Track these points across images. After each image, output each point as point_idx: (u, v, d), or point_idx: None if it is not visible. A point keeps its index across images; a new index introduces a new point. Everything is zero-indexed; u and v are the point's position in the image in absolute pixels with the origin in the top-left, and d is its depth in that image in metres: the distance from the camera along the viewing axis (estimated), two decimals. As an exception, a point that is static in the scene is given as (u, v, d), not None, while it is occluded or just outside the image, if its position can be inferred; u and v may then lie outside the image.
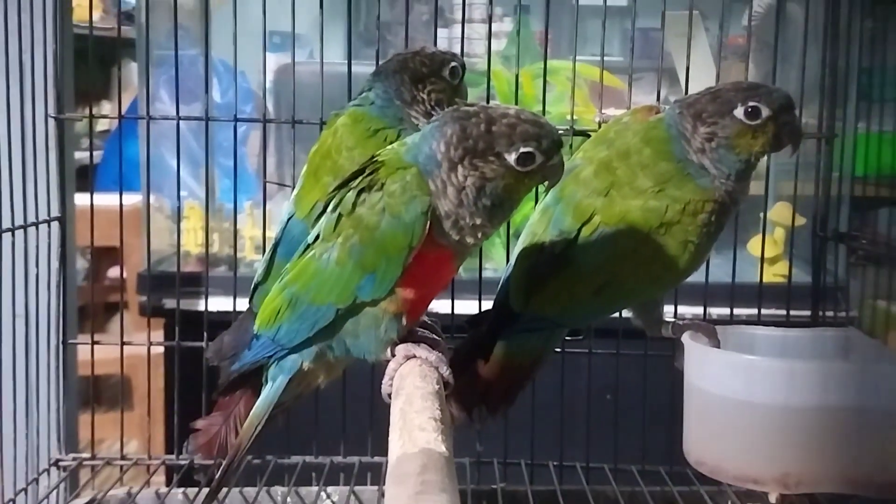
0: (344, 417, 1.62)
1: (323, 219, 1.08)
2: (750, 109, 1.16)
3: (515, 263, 1.30)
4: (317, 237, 1.08)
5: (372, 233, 1.02)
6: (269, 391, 1.16)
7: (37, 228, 1.60)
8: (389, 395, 1.04)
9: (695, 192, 1.19)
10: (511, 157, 0.99)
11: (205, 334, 1.60)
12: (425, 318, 1.21)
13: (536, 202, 1.36)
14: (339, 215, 1.05)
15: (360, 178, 1.05)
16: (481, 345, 1.30)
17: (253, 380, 1.19)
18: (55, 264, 1.64)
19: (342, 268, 1.04)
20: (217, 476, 1.22)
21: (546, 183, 1.08)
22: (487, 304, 1.37)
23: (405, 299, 1.05)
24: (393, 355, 1.08)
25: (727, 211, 1.21)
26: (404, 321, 1.07)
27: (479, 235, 1.04)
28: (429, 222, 1.00)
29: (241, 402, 1.23)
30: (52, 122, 1.62)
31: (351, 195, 1.04)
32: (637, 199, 1.20)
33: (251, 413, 1.18)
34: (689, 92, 1.27)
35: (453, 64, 1.33)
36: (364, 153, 1.20)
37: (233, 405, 1.23)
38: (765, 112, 1.15)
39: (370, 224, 1.02)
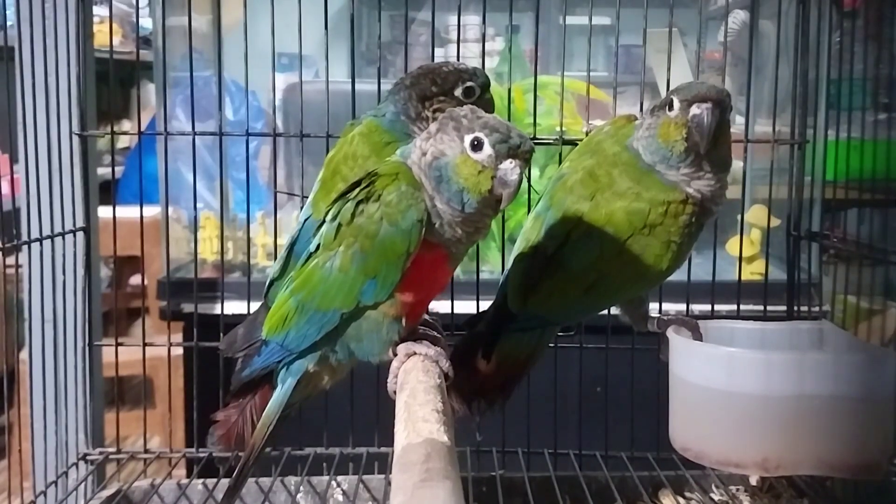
0: (352, 411, 1.62)
1: (323, 228, 1.08)
2: (668, 103, 1.17)
3: (512, 267, 1.30)
4: (318, 246, 1.08)
5: (372, 241, 1.01)
6: (279, 394, 1.16)
7: (63, 238, 1.60)
8: (395, 392, 1.04)
9: (665, 190, 1.19)
10: (467, 140, 0.99)
11: (221, 336, 1.60)
12: (426, 317, 1.21)
13: (529, 210, 1.36)
14: (339, 225, 1.04)
15: (358, 189, 1.05)
16: (480, 343, 1.30)
17: (265, 375, 1.19)
18: (81, 272, 1.64)
19: (345, 274, 1.04)
20: (235, 475, 1.22)
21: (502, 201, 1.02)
22: (484, 304, 1.37)
23: (405, 302, 1.05)
24: (394, 354, 1.08)
25: (706, 212, 1.22)
26: (404, 323, 1.07)
27: (463, 228, 1.03)
28: (423, 228, 1.00)
29: (256, 394, 1.22)
30: (76, 139, 1.62)
31: (350, 206, 1.04)
32: (620, 202, 1.20)
33: (263, 414, 1.18)
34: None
35: (468, 84, 1.27)
36: (377, 162, 1.18)
37: (248, 397, 1.23)
38: (677, 104, 1.16)
39: (370, 232, 1.01)
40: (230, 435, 1.23)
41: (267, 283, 1.26)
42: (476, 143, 0.99)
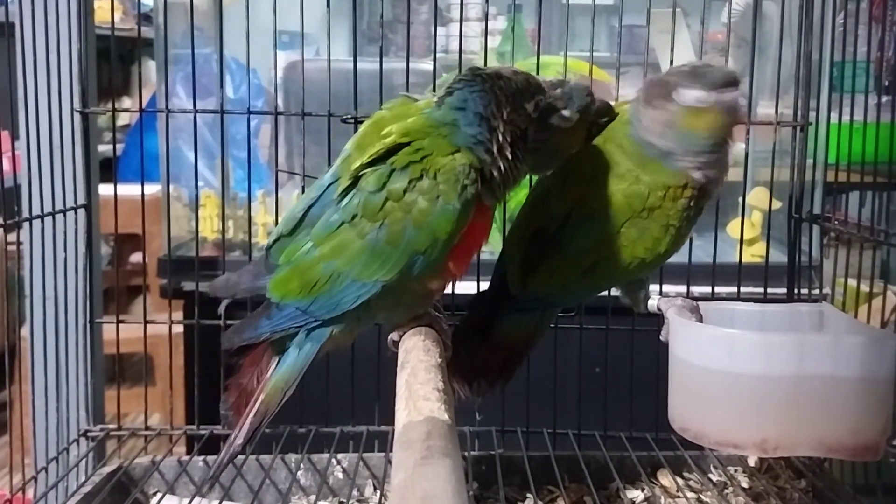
0: (352, 389, 1.63)
1: (358, 197, 1.06)
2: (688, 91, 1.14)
3: (510, 248, 1.30)
4: (354, 216, 1.06)
5: (426, 217, 1.03)
6: (298, 359, 1.16)
7: (64, 215, 1.60)
8: (395, 343, 1.11)
9: (669, 175, 1.18)
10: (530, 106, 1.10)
11: (222, 314, 1.60)
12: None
13: (530, 189, 1.35)
14: (387, 198, 1.04)
15: (410, 164, 1.05)
16: (480, 325, 1.30)
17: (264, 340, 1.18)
18: (82, 249, 1.64)
19: (393, 247, 1.04)
20: (247, 437, 1.18)
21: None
22: (485, 286, 1.38)
23: (447, 275, 1.09)
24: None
25: (705, 195, 1.21)
26: (438, 295, 1.13)
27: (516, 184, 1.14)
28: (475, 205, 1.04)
29: (263, 359, 1.20)
30: (77, 116, 1.61)
31: (402, 180, 1.04)
32: (620, 185, 1.20)
33: (277, 378, 1.17)
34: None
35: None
36: None
37: (256, 364, 1.21)
38: (702, 93, 1.13)
39: (423, 209, 1.03)
40: (241, 401, 1.20)
41: (272, 239, 1.20)
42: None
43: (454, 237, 1.04)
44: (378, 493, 1.52)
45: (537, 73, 1.62)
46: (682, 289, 1.61)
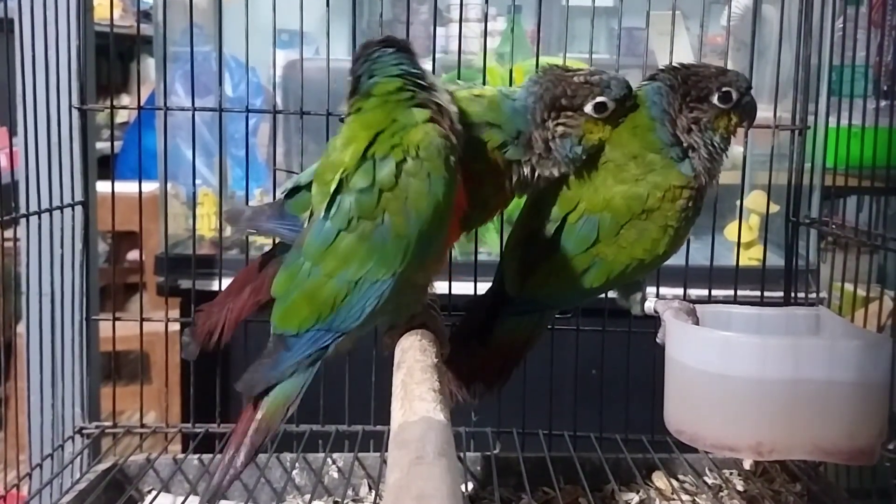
0: (348, 389, 1.63)
1: (346, 202, 1.02)
2: (723, 94, 1.20)
3: (509, 251, 1.30)
4: (349, 221, 1.02)
5: (425, 198, 1.01)
6: (307, 374, 1.12)
7: (62, 212, 1.60)
8: (391, 343, 1.11)
9: (677, 178, 1.19)
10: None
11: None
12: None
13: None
14: (380, 191, 1.01)
15: (391, 148, 1.02)
16: (477, 327, 1.30)
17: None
18: (79, 246, 1.64)
19: (402, 237, 1.02)
20: (246, 458, 1.13)
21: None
22: (482, 286, 1.38)
23: (445, 257, 1.11)
24: None
25: (704, 194, 1.23)
26: (431, 290, 1.14)
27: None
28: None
29: (247, 295, 1.16)
30: (75, 113, 1.61)
31: (389, 169, 1.01)
32: (620, 187, 1.20)
33: (276, 394, 1.12)
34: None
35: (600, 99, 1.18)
36: None
37: (232, 296, 1.18)
38: (735, 95, 1.20)
39: (420, 190, 1.01)
40: (211, 328, 1.17)
41: (290, 186, 1.15)
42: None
43: (451, 206, 1.03)
44: (373, 492, 1.52)
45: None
46: (679, 291, 1.61)
